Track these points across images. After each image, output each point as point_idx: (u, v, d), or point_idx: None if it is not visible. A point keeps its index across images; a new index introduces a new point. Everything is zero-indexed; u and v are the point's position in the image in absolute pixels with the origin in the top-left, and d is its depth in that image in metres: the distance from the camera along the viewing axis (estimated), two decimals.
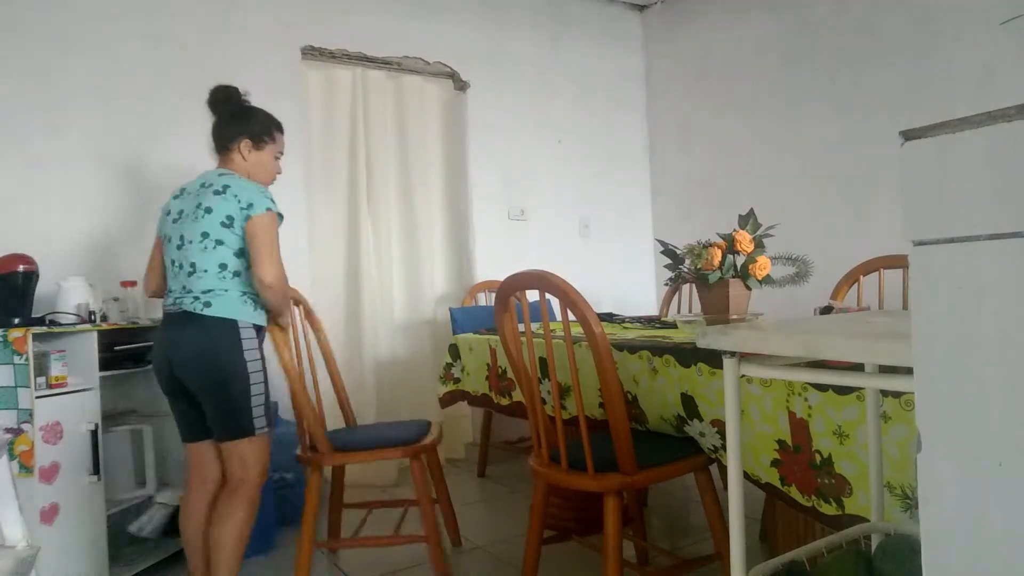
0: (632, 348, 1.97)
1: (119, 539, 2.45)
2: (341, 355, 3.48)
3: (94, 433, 2.25)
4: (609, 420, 1.71)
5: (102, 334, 2.35)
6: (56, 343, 2.23)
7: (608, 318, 2.78)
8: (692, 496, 3.02)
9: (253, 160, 2.11)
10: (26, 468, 2.05)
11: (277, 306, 2.03)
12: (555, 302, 1.85)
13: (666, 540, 2.60)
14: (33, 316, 2.32)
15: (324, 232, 3.51)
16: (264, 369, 2.02)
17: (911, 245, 0.61)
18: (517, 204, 4.15)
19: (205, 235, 1.94)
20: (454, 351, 2.88)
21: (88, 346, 2.28)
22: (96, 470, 2.24)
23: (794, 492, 1.57)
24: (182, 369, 1.94)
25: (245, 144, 2.09)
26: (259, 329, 2.02)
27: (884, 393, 1.34)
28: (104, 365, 2.34)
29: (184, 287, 1.96)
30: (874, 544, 1.32)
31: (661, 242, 2.54)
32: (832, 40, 3.61)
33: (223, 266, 1.95)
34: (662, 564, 2.25)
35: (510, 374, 2.49)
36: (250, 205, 1.94)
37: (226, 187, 1.97)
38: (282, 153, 2.20)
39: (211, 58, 3.20)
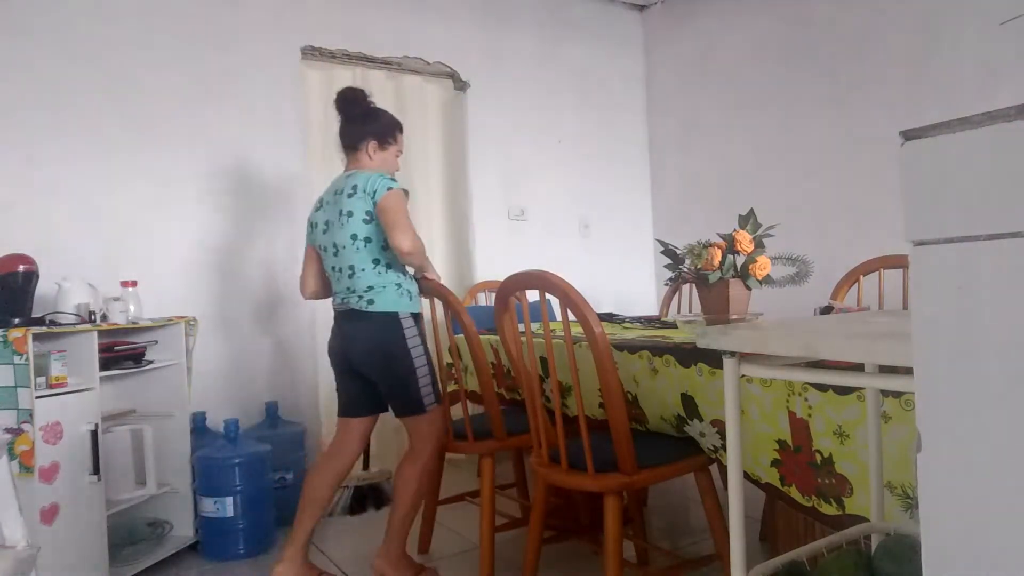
0: (632, 348, 1.97)
1: (119, 539, 2.45)
2: None
3: (94, 433, 2.25)
4: (609, 420, 1.71)
5: (102, 334, 2.35)
6: (56, 343, 2.23)
7: (608, 318, 2.78)
8: (692, 496, 3.02)
9: (378, 159, 2.30)
10: (26, 468, 2.06)
11: (420, 266, 2.24)
12: (555, 302, 1.85)
13: (666, 540, 2.60)
14: (33, 316, 2.32)
15: None
16: (426, 351, 2.22)
17: (911, 245, 0.61)
18: (517, 204, 4.15)
19: (354, 237, 2.16)
20: (455, 351, 2.88)
21: (88, 346, 2.28)
22: (96, 470, 2.24)
23: (794, 492, 1.57)
24: (359, 360, 2.19)
25: (372, 145, 2.28)
26: (416, 316, 2.21)
27: (884, 393, 1.34)
28: (104, 365, 2.34)
29: (348, 288, 2.19)
30: (874, 544, 1.32)
31: (661, 242, 2.54)
32: (832, 40, 3.61)
33: (376, 261, 2.18)
34: (662, 564, 2.25)
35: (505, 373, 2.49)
36: (374, 193, 2.13)
37: (355, 187, 2.16)
38: (402, 152, 2.40)
39: (211, 58, 3.20)
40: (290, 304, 3.37)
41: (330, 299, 2.34)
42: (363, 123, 2.29)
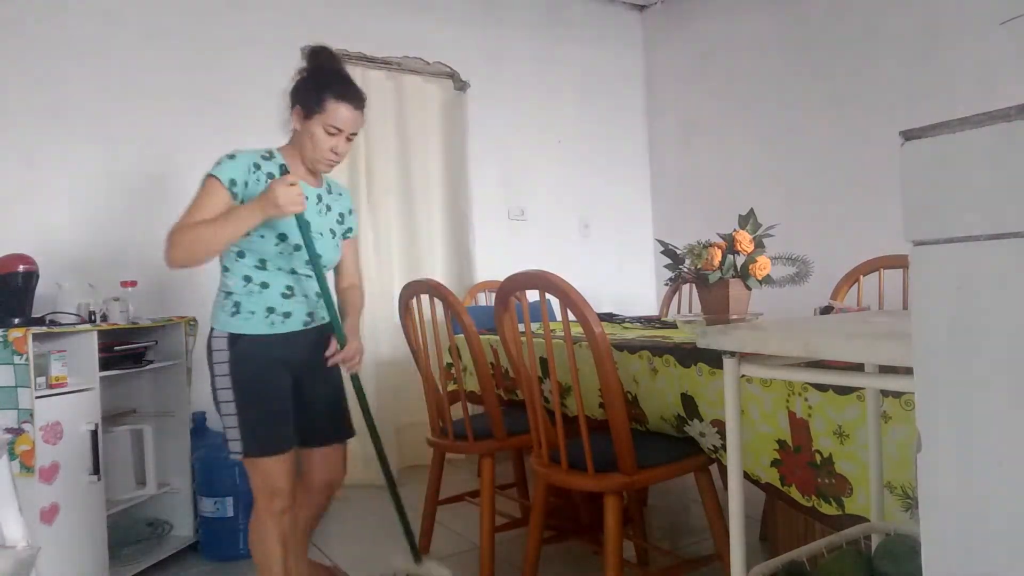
0: (632, 348, 1.97)
1: (119, 539, 2.45)
2: None
3: (94, 433, 2.25)
4: (609, 420, 1.71)
5: (102, 334, 2.35)
6: (56, 343, 2.23)
7: (608, 318, 2.78)
8: (692, 496, 3.02)
9: (299, 132, 1.86)
10: (26, 468, 2.05)
11: (174, 260, 1.70)
12: (555, 302, 1.86)
13: (666, 540, 2.60)
14: (33, 316, 2.32)
15: None
16: (243, 390, 1.76)
17: (911, 245, 0.61)
18: (517, 204, 4.15)
19: None
20: (454, 351, 2.88)
21: (88, 346, 2.28)
22: (96, 470, 2.24)
23: (794, 492, 1.57)
24: None
25: (295, 113, 1.85)
26: (235, 340, 1.76)
27: (884, 393, 1.34)
28: (104, 365, 2.34)
29: None
30: (874, 544, 1.32)
31: (661, 242, 2.54)
32: (832, 40, 3.61)
33: (220, 259, 1.84)
34: (662, 564, 2.25)
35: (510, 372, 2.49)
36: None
37: None
38: (344, 133, 1.86)
39: (211, 58, 3.20)
40: None
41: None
42: (289, 92, 1.87)
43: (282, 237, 1.78)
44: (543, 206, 4.23)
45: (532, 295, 1.94)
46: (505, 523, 2.41)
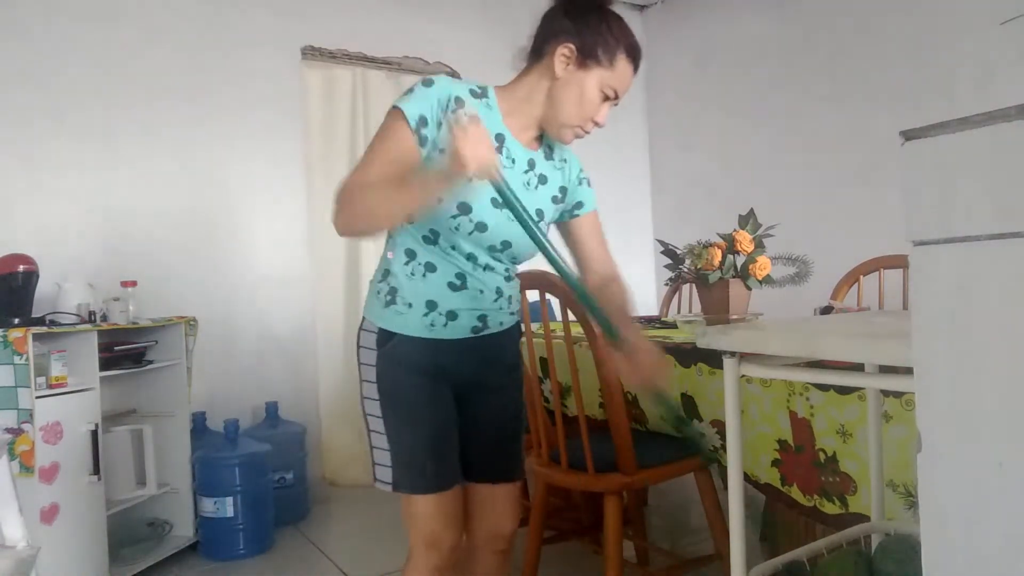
0: None
1: (119, 539, 2.45)
2: (341, 355, 3.48)
3: (94, 433, 2.25)
4: (609, 420, 1.71)
5: (102, 334, 2.35)
6: (56, 343, 2.23)
7: None
8: (692, 496, 3.02)
9: (564, 80, 1.38)
10: (26, 468, 2.05)
11: (348, 226, 1.30)
12: (555, 302, 1.85)
13: (666, 540, 2.60)
14: (33, 316, 2.32)
15: (324, 232, 3.50)
16: (389, 400, 1.36)
17: (911, 245, 0.61)
18: None
19: None
20: None
21: (88, 346, 2.28)
22: (96, 470, 2.24)
23: (795, 492, 1.57)
24: None
25: (564, 51, 1.35)
26: (388, 338, 1.36)
27: (885, 393, 1.34)
28: (104, 365, 2.34)
29: None
30: (875, 544, 1.32)
31: (661, 242, 2.54)
32: (832, 40, 3.61)
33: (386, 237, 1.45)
34: (662, 564, 2.25)
35: None
36: None
37: None
38: (616, 96, 1.42)
39: (211, 58, 3.20)
40: (290, 304, 3.37)
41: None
42: (563, 12, 1.35)
43: (464, 208, 1.29)
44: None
45: (532, 295, 1.94)
46: None
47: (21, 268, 2.30)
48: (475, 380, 1.42)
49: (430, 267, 1.34)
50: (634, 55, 1.35)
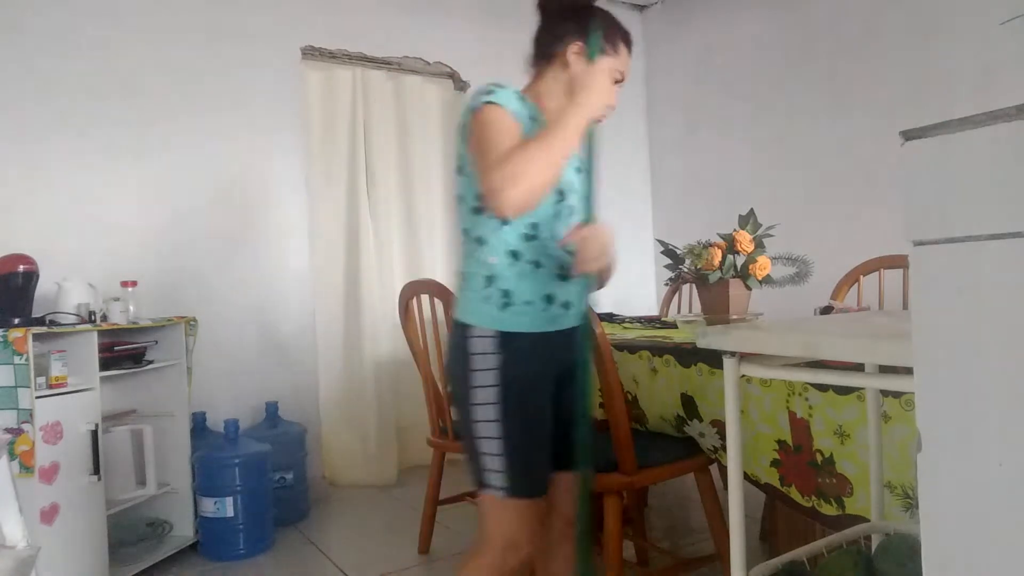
0: (632, 348, 1.97)
1: (119, 539, 2.45)
2: (341, 355, 3.49)
3: (94, 433, 2.25)
4: (609, 420, 1.71)
5: (102, 334, 2.35)
6: (56, 343, 2.23)
7: (608, 318, 2.78)
8: (692, 496, 3.02)
9: (579, 72, 1.42)
10: (26, 468, 2.05)
11: (532, 192, 1.22)
12: None
13: (666, 540, 2.60)
14: (33, 316, 2.32)
15: (325, 232, 3.50)
16: (514, 406, 1.35)
17: (911, 245, 0.61)
18: None
19: (459, 198, 1.42)
20: None
21: (88, 346, 2.28)
22: (96, 470, 2.24)
23: (794, 492, 1.57)
24: None
25: (574, 48, 1.43)
26: (510, 339, 1.35)
27: (884, 393, 1.34)
28: (104, 365, 2.34)
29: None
30: (874, 544, 1.32)
31: (661, 242, 2.54)
32: (832, 40, 3.61)
33: (465, 233, 1.41)
34: (662, 564, 2.25)
35: None
36: (463, 119, 1.37)
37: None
38: (622, 79, 1.47)
39: (211, 58, 3.20)
40: (290, 304, 3.37)
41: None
42: (562, 18, 1.44)
43: (561, 194, 1.37)
44: None
45: None
46: None
47: (21, 268, 2.30)
48: (571, 368, 1.43)
49: (537, 263, 1.37)
50: (628, 40, 1.47)
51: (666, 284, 3.06)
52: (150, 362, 2.58)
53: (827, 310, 2.24)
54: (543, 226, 1.36)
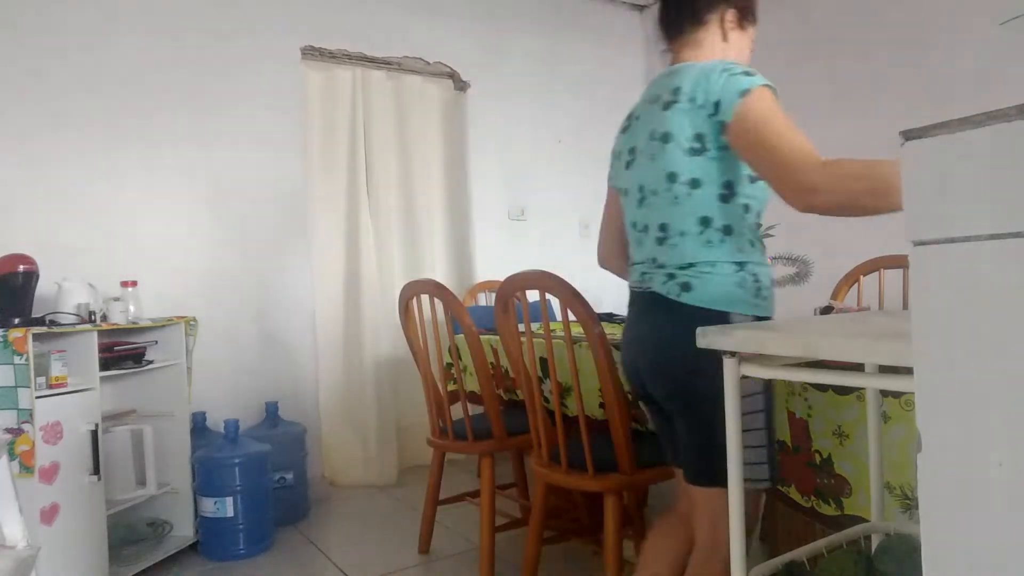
0: None
1: (119, 539, 2.45)
2: (341, 355, 3.49)
3: (94, 433, 2.25)
4: (609, 420, 1.71)
5: (102, 334, 2.35)
6: (56, 343, 2.23)
7: (608, 318, 2.78)
8: None
9: (735, 43, 1.45)
10: (26, 468, 2.05)
11: (843, 207, 1.27)
12: (555, 302, 1.85)
13: None
14: (33, 316, 2.32)
15: (324, 231, 3.51)
16: (768, 393, 1.33)
17: (911, 245, 0.61)
18: (517, 204, 4.15)
19: (672, 177, 1.33)
20: (454, 351, 2.88)
21: (88, 346, 2.28)
22: (96, 470, 2.24)
23: (793, 493, 1.57)
24: (648, 377, 1.40)
25: (730, 16, 1.44)
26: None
27: (884, 393, 1.34)
28: (104, 365, 2.34)
29: (653, 259, 1.38)
30: (874, 544, 1.32)
31: None
32: (832, 40, 3.61)
33: (706, 222, 1.32)
34: None
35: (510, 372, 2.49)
36: (718, 100, 1.29)
37: (677, 90, 1.35)
38: (752, 48, 1.51)
39: (211, 58, 3.20)
40: (290, 304, 3.37)
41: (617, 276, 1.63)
42: None
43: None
44: (543, 206, 4.23)
45: (532, 295, 1.94)
46: (505, 523, 2.41)
47: (21, 268, 2.30)
48: None
49: (763, 252, 1.40)
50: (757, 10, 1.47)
51: None
52: (150, 362, 2.58)
53: (827, 310, 2.24)
54: (763, 214, 1.40)
